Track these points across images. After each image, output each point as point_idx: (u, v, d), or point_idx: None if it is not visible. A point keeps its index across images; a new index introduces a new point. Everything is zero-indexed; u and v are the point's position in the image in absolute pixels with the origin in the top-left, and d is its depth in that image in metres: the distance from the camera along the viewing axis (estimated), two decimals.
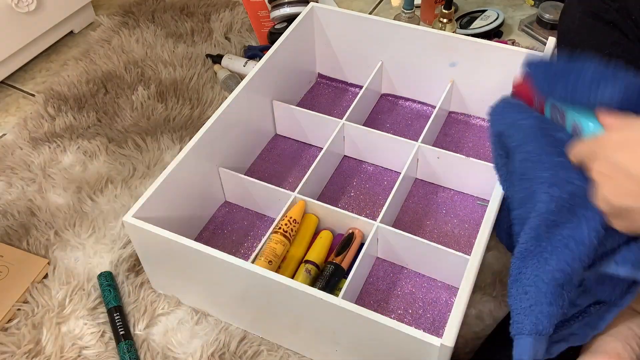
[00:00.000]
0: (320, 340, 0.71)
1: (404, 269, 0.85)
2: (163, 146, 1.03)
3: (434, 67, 1.00)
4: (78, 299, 0.83)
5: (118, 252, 0.88)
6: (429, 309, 0.80)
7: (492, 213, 0.71)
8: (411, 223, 0.89)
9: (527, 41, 1.24)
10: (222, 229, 0.90)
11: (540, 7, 1.23)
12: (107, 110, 1.11)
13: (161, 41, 1.26)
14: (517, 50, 0.91)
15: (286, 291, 0.66)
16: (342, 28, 1.02)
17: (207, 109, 1.11)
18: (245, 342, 0.78)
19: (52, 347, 0.78)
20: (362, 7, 1.37)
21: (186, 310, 0.82)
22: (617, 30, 0.81)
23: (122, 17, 1.33)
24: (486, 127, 1.02)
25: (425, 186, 0.95)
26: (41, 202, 0.96)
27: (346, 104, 1.09)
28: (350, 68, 1.09)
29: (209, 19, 1.32)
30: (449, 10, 1.08)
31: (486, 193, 0.90)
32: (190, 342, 0.78)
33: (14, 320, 0.82)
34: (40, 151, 1.03)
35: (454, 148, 0.99)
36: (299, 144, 1.03)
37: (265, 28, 1.23)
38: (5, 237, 0.91)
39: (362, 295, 0.82)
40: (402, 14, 1.16)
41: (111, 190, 0.97)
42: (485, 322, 0.79)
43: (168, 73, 1.18)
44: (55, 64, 1.25)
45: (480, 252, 0.67)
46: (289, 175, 0.97)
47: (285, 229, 0.80)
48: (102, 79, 1.17)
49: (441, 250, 0.78)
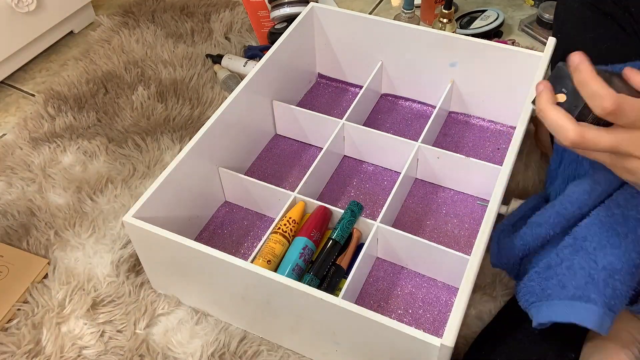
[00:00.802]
0: (320, 340, 0.71)
1: (403, 269, 0.85)
2: (163, 146, 1.03)
3: (434, 67, 1.00)
4: (78, 299, 0.83)
5: (118, 252, 0.88)
6: (429, 309, 0.80)
7: (492, 213, 0.71)
8: (411, 223, 0.89)
9: (527, 41, 1.24)
10: (222, 229, 0.90)
11: (540, 7, 1.23)
12: (107, 110, 1.11)
13: (161, 41, 1.26)
14: (517, 50, 0.91)
15: (286, 291, 0.66)
16: (342, 28, 1.02)
17: (207, 109, 1.11)
18: (245, 342, 0.78)
19: (52, 347, 0.78)
20: (362, 7, 1.37)
21: (186, 310, 0.82)
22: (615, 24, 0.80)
23: (122, 17, 1.33)
24: (486, 127, 1.02)
25: (425, 186, 0.95)
26: (41, 202, 0.96)
27: (346, 104, 1.09)
28: (350, 68, 1.09)
29: (209, 19, 1.32)
30: (449, 10, 1.08)
31: (486, 193, 0.90)
32: (190, 342, 0.78)
33: (14, 320, 0.82)
34: (40, 151, 1.03)
35: (454, 148, 0.99)
36: (299, 144, 1.03)
37: (265, 28, 1.23)
38: (5, 237, 0.91)
39: (362, 295, 0.82)
40: (402, 14, 1.16)
41: (111, 190, 0.97)
42: (485, 322, 0.79)
43: (168, 73, 1.18)
44: (55, 64, 1.25)
45: (480, 252, 0.67)
46: (289, 175, 0.97)
47: (285, 229, 0.80)
48: (102, 79, 1.17)
49: (441, 250, 0.78)
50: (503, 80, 0.95)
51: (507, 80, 0.95)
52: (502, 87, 0.97)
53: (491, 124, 1.03)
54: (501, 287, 0.82)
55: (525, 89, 0.92)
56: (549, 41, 0.90)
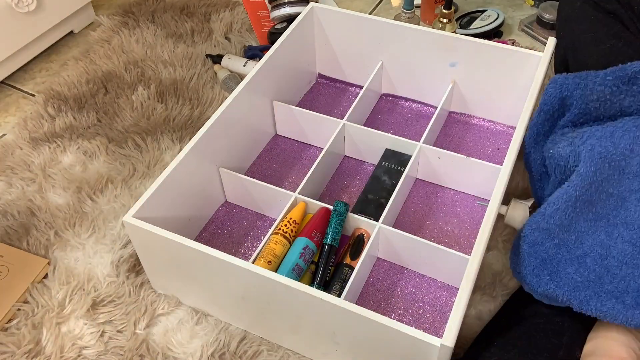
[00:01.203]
0: (320, 340, 0.71)
1: (404, 269, 0.85)
2: (163, 146, 1.03)
3: (434, 67, 1.00)
4: (78, 299, 0.83)
5: (118, 252, 0.88)
6: (429, 309, 0.80)
7: (492, 213, 0.71)
8: (412, 223, 0.89)
9: (527, 41, 1.24)
10: (222, 229, 0.90)
11: (540, 7, 1.23)
12: (107, 110, 1.11)
13: (161, 41, 1.26)
14: (517, 50, 0.91)
15: (286, 291, 0.66)
16: (342, 28, 1.02)
17: (207, 109, 1.11)
18: (245, 342, 0.78)
19: (52, 347, 0.78)
20: (362, 7, 1.37)
21: (186, 310, 0.82)
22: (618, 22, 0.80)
23: (122, 17, 1.33)
24: (486, 127, 1.02)
25: (425, 186, 0.95)
26: (41, 202, 0.96)
27: (346, 104, 1.09)
28: (350, 68, 1.09)
29: (209, 19, 1.32)
30: (449, 10, 1.08)
31: (486, 193, 0.90)
32: (190, 342, 0.78)
33: (14, 320, 0.82)
34: (40, 151, 1.03)
35: (454, 148, 0.99)
36: (299, 144, 1.03)
37: (265, 28, 1.23)
38: (5, 237, 0.91)
39: (362, 295, 0.82)
40: (402, 14, 1.16)
41: (111, 190, 0.97)
42: (485, 322, 0.79)
43: (168, 73, 1.18)
44: (55, 64, 1.25)
45: (480, 252, 0.67)
46: (289, 176, 0.97)
47: (285, 230, 0.80)
48: (102, 79, 1.17)
49: (441, 250, 0.78)
50: (503, 80, 0.95)
51: (507, 80, 0.95)
52: (502, 87, 0.97)
53: (491, 124, 1.03)
54: (501, 287, 0.82)
55: (525, 89, 0.92)
56: (549, 41, 0.90)
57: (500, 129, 1.02)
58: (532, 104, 0.82)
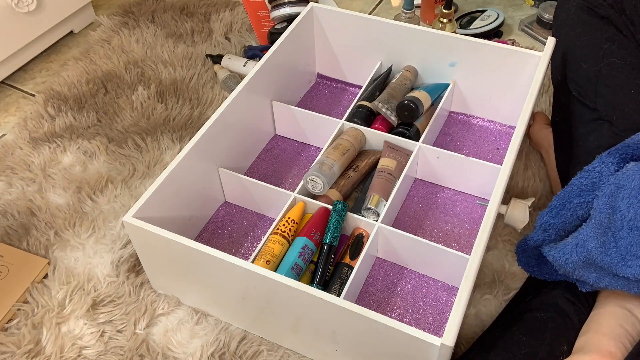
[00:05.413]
0: (320, 340, 0.71)
1: (404, 268, 0.85)
2: (163, 146, 1.03)
3: (433, 67, 1.00)
4: (78, 299, 0.83)
5: (118, 252, 0.88)
6: (429, 308, 0.80)
7: (492, 213, 0.71)
8: (411, 223, 0.89)
9: (527, 41, 1.24)
10: (222, 229, 0.90)
11: (540, 7, 1.23)
12: (107, 110, 1.11)
13: (161, 41, 1.26)
14: (517, 50, 0.91)
15: (286, 291, 0.66)
16: (342, 28, 1.02)
17: (207, 109, 1.11)
18: (245, 342, 0.78)
19: (52, 347, 0.78)
20: (362, 7, 1.37)
21: (186, 310, 0.82)
22: (611, 26, 0.81)
23: (122, 17, 1.33)
24: (485, 127, 1.02)
25: (425, 186, 0.95)
26: (41, 202, 0.96)
27: (346, 104, 1.09)
28: (350, 68, 1.09)
29: (209, 19, 1.32)
30: (449, 10, 1.08)
31: (486, 193, 0.91)
32: (190, 342, 0.78)
33: (14, 320, 0.82)
34: (40, 151, 1.03)
35: (453, 148, 0.99)
36: (298, 144, 1.03)
37: (265, 28, 1.23)
38: (5, 237, 0.91)
39: (361, 295, 0.82)
40: (402, 14, 1.16)
41: (111, 190, 0.97)
42: (485, 322, 0.79)
43: (168, 73, 1.18)
44: (55, 64, 1.25)
45: (480, 252, 0.67)
46: (288, 176, 0.97)
47: (284, 230, 0.80)
48: (102, 79, 1.17)
49: (441, 250, 0.78)
50: (503, 80, 0.95)
51: (507, 80, 0.95)
52: (502, 87, 0.97)
53: (491, 123, 1.03)
54: (501, 287, 0.82)
55: (525, 89, 0.92)
56: (549, 41, 0.90)
57: (500, 129, 1.02)
58: (532, 104, 0.82)
